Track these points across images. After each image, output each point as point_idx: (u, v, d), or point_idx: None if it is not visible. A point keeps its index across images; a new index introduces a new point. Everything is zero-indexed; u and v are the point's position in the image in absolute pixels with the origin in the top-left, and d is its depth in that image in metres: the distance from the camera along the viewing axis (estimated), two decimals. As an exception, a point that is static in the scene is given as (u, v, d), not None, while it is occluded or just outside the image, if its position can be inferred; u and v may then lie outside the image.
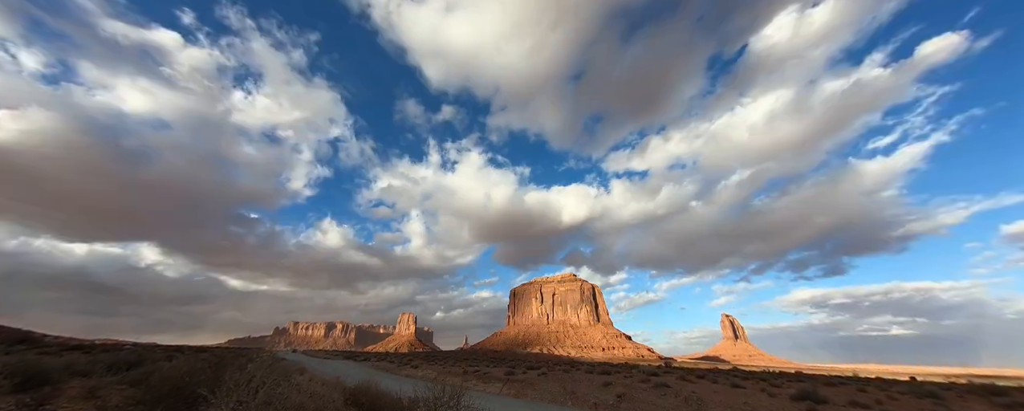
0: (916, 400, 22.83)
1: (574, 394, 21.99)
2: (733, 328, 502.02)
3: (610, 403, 19.54)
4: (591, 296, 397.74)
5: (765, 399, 21.37)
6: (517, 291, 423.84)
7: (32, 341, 35.79)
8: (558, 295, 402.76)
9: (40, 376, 9.94)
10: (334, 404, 8.73)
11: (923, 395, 24.16)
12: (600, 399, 20.50)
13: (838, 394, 23.90)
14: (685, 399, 20.60)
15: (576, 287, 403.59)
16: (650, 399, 20.67)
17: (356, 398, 9.69)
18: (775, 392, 23.76)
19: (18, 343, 31.87)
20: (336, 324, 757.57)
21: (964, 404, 21.61)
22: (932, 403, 21.74)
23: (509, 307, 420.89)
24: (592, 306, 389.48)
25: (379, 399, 9.64)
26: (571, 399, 20.61)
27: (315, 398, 9.49)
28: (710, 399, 20.75)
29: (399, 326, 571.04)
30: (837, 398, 22.02)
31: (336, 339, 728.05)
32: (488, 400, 18.06)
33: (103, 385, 10.73)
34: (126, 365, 14.54)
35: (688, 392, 22.87)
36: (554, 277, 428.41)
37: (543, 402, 19.59)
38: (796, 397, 21.47)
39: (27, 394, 8.85)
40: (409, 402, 8.93)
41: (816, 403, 20.15)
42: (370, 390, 10.12)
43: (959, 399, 22.92)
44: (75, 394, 9.53)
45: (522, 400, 19.90)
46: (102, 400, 9.00)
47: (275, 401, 6.25)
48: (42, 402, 8.38)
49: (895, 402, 22.11)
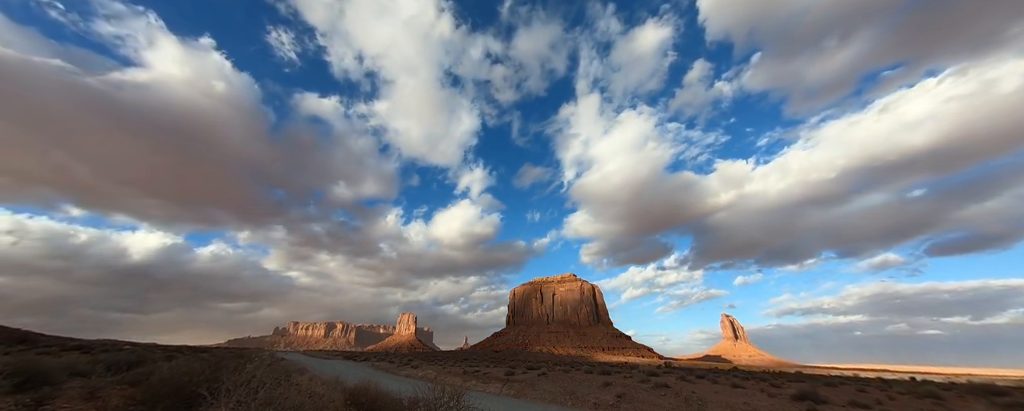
0: (916, 400, 22.82)
1: (574, 394, 21.98)
2: (733, 328, 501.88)
3: (610, 403, 19.53)
4: (591, 296, 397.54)
5: (765, 399, 21.35)
6: (517, 291, 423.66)
7: (32, 341, 35.75)
8: (558, 295, 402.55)
9: (40, 376, 9.92)
10: (334, 404, 8.72)
11: (923, 395, 24.16)
12: (600, 399, 20.49)
13: (838, 394, 23.89)
14: (685, 399, 20.59)
15: (576, 287, 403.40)
16: (650, 399, 20.66)
17: (356, 398, 9.68)
18: (775, 392, 23.74)
19: (18, 343, 31.84)
20: (336, 324, 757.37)
21: (964, 404, 21.60)
22: (932, 403, 21.73)
23: (509, 307, 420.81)
24: (592, 306, 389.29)
25: (379, 399, 9.63)
26: (571, 399, 20.60)
27: (315, 398, 9.47)
28: (710, 399, 20.74)
29: (399, 326, 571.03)
30: (837, 398, 22.02)
31: (336, 339, 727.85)
32: (488, 400, 18.06)
33: (103, 385, 10.71)
34: (126, 365, 14.51)
35: (688, 392, 22.86)
36: (554, 277, 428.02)
37: (543, 402, 19.58)
38: (796, 397, 21.47)
39: (27, 394, 8.84)
40: (409, 402, 8.93)
41: (816, 403, 20.15)
42: (370, 390, 10.11)
43: (959, 399, 22.90)
44: (75, 394, 9.52)
45: (522, 400, 19.89)
46: (102, 400, 8.99)
47: (275, 401, 6.24)
48: (42, 402, 8.38)
49: (895, 402, 22.11)
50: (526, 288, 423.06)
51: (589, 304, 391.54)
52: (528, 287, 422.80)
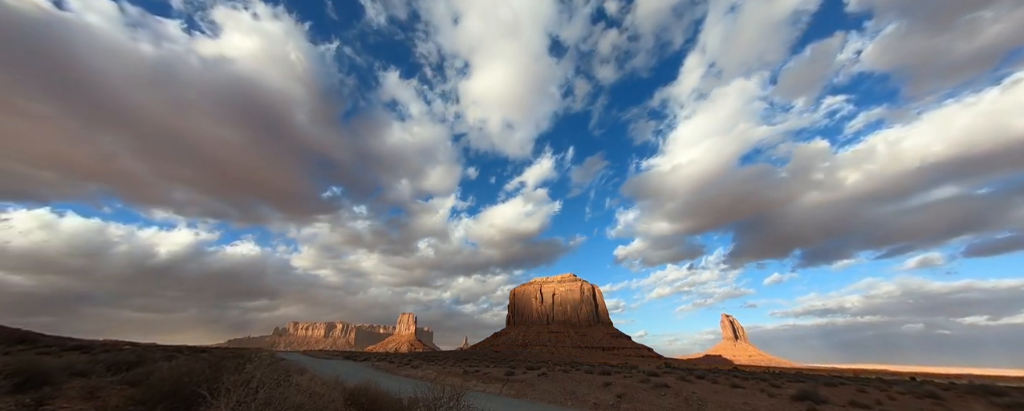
0: (916, 400, 22.83)
1: (574, 394, 21.98)
2: (733, 328, 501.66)
3: (610, 403, 19.53)
4: (591, 296, 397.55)
5: (765, 399, 21.36)
6: (517, 291, 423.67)
7: (32, 341, 35.75)
8: (558, 295, 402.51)
9: (40, 376, 9.92)
10: (334, 404, 8.72)
11: (923, 395, 24.17)
12: (600, 399, 20.49)
13: (838, 394, 23.90)
14: (685, 399, 20.59)
15: (576, 287, 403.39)
16: (650, 399, 20.66)
17: (356, 398, 9.68)
18: (775, 392, 23.75)
19: (18, 343, 31.83)
20: (336, 324, 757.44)
21: (964, 404, 21.61)
22: (932, 403, 21.75)
23: (509, 307, 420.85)
24: (592, 306, 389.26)
25: (379, 399, 9.64)
26: (571, 399, 20.60)
27: (315, 398, 9.47)
28: (710, 399, 20.74)
29: (399, 326, 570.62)
30: (837, 398, 22.03)
31: (336, 339, 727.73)
32: (488, 400, 18.06)
33: (103, 385, 10.72)
34: (126, 365, 14.52)
35: (688, 392, 22.86)
36: (554, 277, 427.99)
37: (543, 402, 19.58)
38: (796, 397, 21.48)
39: (27, 394, 8.84)
40: (409, 402, 8.93)
41: (816, 403, 20.16)
42: (370, 390, 10.12)
43: (959, 399, 22.92)
44: (75, 394, 9.52)
45: (522, 400, 19.88)
46: (102, 400, 9.00)
47: (275, 401, 6.24)
48: (42, 402, 8.38)
49: (895, 402, 22.12)
50: (526, 288, 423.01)
51: (589, 304, 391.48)
52: (528, 287, 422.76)
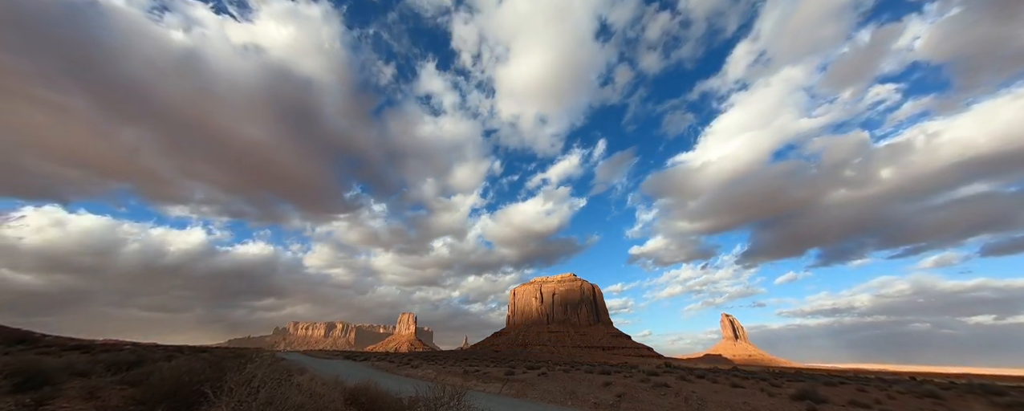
0: (916, 400, 22.84)
1: (574, 394, 21.98)
2: (733, 328, 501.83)
3: (610, 403, 19.53)
4: (591, 296, 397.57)
5: (765, 399, 21.36)
6: (517, 291, 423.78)
7: (32, 341, 35.73)
8: (558, 295, 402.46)
9: (40, 376, 9.92)
10: (334, 404, 8.72)
11: (922, 395, 24.18)
12: (600, 399, 20.49)
13: (838, 394, 23.91)
14: (685, 399, 20.60)
15: (576, 287, 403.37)
16: (650, 399, 20.66)
17: (356, 398, 9.69)
18: (775, 392, 23.75)
19: (18, 343, 31.82)
20: (336, 324, 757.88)
21: (963, 403, 21.62)
22: (932, 403, 21.76)
23: (509, 307, 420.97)
24: (592, 306, 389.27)
25: (379, 399, 9.64)
26: (571, 399, 20.60)
27: (315, 398, 9.47)
28: (710, 399, 20.75)
29: (399, 326, 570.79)
30: (837, 398, 22.03)
31: (336, 339, 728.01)
32: (488, 400, 18.06)
33: (103, 385, 10.72)
34: (126, 365, 14.52)
35: (688, 392, 22.87)
36: (554, 277, 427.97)
37: (543, 402, 19.58)
38: (796, 397, 21.48)
39: (27, 394, 8.84)
40: (409, 402, 8.94)
41: (816, 403, 20.16)
42: (370, 390, 10.12)
43: (959, 399, 22.93)
44: (75, 394, 9.52)
45: (522, 400, 19.88)
46: (102, 400, 9.00)
47: (276, 401, 6.24)
48: (42, 402, 8.37)
49: (894, 401, 22.13)
50: (526, 288, 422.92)
51: (589, 304, 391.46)
52: (528, 287, 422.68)
